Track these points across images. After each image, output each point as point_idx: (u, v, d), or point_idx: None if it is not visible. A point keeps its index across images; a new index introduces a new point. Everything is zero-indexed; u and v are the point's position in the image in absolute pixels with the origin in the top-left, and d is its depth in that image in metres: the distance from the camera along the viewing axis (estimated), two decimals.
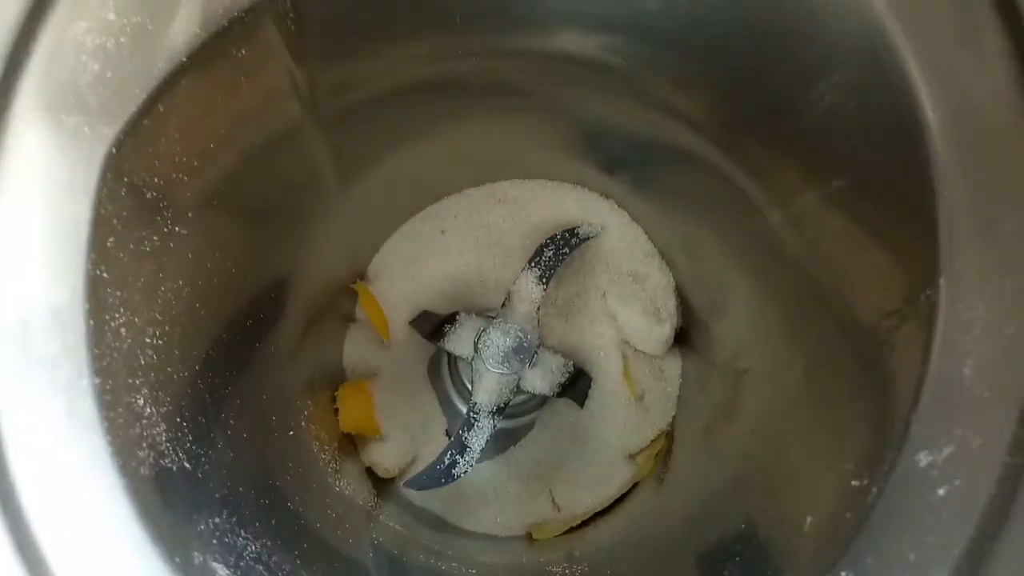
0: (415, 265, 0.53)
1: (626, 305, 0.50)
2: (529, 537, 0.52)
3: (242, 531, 0.28)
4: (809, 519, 0.26)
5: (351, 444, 0.53)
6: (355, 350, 0.55)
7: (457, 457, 0.47)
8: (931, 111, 0.25)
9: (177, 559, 0.23)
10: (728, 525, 0.39)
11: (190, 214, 0.31)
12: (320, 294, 0.51)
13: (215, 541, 0.26)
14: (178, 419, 0.28)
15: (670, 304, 0.50)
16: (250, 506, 0.30)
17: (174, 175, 0.29)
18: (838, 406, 0.29)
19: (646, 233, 0.52)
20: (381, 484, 0.53)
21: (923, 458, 0.23)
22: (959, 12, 0.23)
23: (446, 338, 0.49)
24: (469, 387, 0.53)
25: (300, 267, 0.47)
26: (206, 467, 0.29)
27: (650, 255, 0.51)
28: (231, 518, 0.28)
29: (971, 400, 0.22)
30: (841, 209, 0.31)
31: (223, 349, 0.34)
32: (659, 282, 0.51)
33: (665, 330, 0.50)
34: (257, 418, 0.36)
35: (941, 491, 0.22)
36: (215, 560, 0.25)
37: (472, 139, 0.50)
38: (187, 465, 0.27)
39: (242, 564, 0.26)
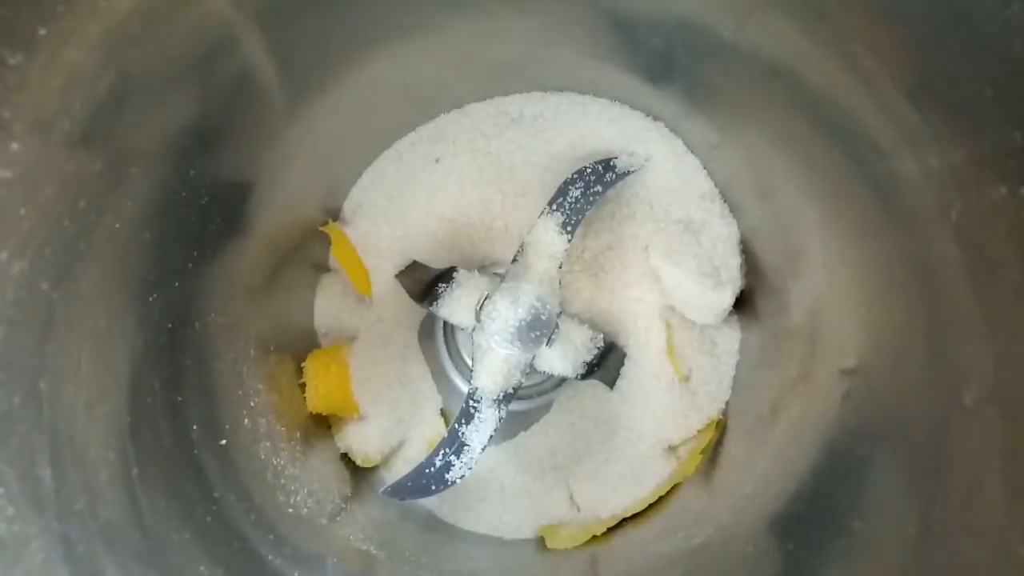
0: (402, 203, 0.43)
1: (675, 263, 0.39)
2: (541, 542, 0.42)
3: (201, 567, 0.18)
4: None
5: (324, 424, 0.43)
6: (328, 308, 0.44)
7: (452, 457, 0.37)
8: None
9: None
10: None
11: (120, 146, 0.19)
12: (283, 237, 0.40)
13: None
14: None
15: (732, 263, 0.39)
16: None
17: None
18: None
19: (704, 167, 0.40)
20: (360, 475, 0.43)
21: None
22: None
23: (439, 301, 0.38)
24: (469, 363, 0.42)
25: (253, 201, 0.36)
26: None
27: (708, 197, 0.40)
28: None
29: None
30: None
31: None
32: (720, 233, 0.39)
33: (725, 296, 0.38)
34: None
35: None
36: None
37: (476, 37, 0.39)
38: None
39: None
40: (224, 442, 0.30)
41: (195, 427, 0.28)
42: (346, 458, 0.43)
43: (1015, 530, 0.21)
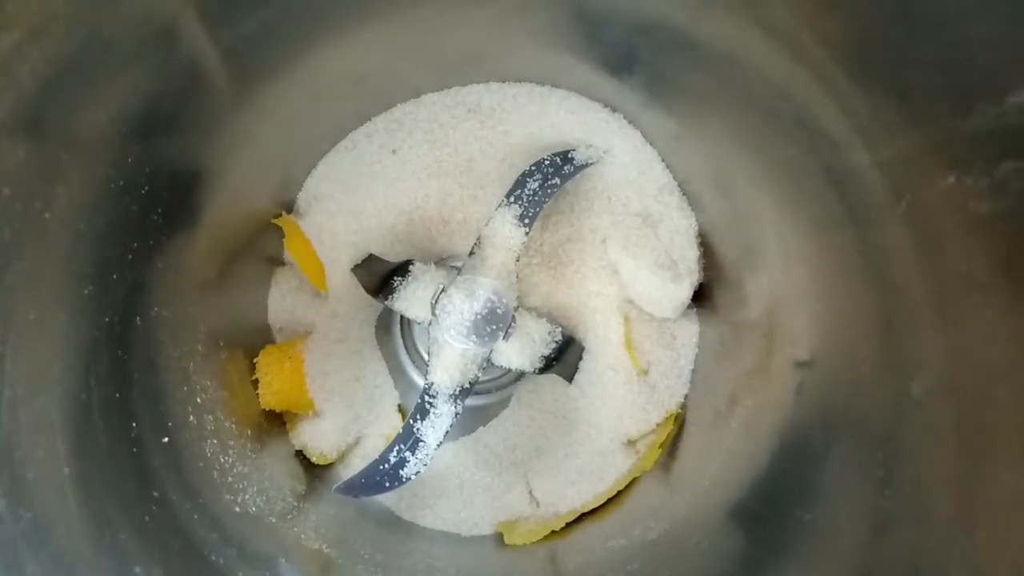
0: (358, 194, 0.42)
1: (633, 255, 0.38)
2: (500, 538, 0.42)
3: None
4: None
5: (278, 421, 0.42)
6: (282, 302, 0.43)
7: (407, 454, 0.36)
8: None
9: None
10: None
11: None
12: (234, 229, 0.39)
13: None
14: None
15: (691, 255, 0.39)
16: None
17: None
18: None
19: (662, 159, 0.40)
20: (315, 472, 0.42)
21: None
22: None
23: (395, 295, 0.38)
24: (426, 358, 0.42)
25: (201, 191, 0.35)
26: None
27: (667, 190, 0.39)
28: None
29: None
30: (1007, 149, 0.19)
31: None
32: (678, 226, 0.39)
33: (683, 289, 0.38)
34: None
35: None
36: None
37: (433, 25, 0.38)
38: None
39: None
40: (167, 440, 0.29)
41: (135, 424, 0.27)
42: (301, 456, 0.42)
43: (961, 521, 0.21)
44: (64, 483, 0.22)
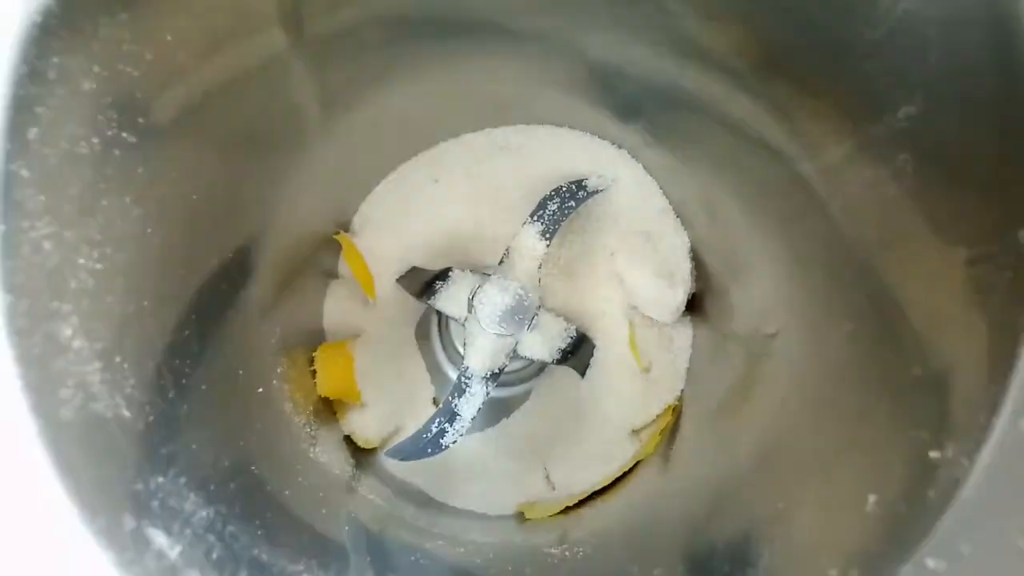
0: (405, 217, 0.49)
1: (636, 267, 0.46)
2: (520, 516, 0.47)
3: (192, 494, 0.23)
4: (872, 497, 0.22)
5: (329, 410, 0.49)
6: (336, 308, 0.50)
7: (446, 425, 0.42)
8: None
9: (102, 521, 0.18)
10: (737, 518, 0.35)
11: (141, 120, 0.26)
12: (299, 244, 0.46)
13: (155, 503, 0.21)
14: (118, 358, 0.23)
15: (684, 267, 0.46)
16: (204, 466, 0.25)
17: (123, 67, 0.24)
18: (899, 369, 0.25)
19: (661, 188, 0.47)
20: (361, 455, 0.48)
21: None
22: None
23: (437, 296, 0.45)
24: (461, 351, 0.49)
25: (278, 211, 0.42)
26: (151, 418, 0.24)
27: (664, 212, 0.47)
28: (179, 478, 0.23)
29: None
30: (903, 145, 0.27)
31: (181, 286, 0.29)
32: (673, 242, 0.46)
33: (678, 295, 0.45)
34: (222, 369, 0.32)
35: None
36: (153, 526, 0.20)
37: (472, 78, 0.46)
38: (126, 413, 0.23)
39: (187, 532, 0.22)
40: (261, 390, 0.36)
41: (240, 372, 0.34)
42: (349, 440, 0.49)
43: None
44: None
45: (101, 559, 0.18)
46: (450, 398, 0.42)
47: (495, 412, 0.49)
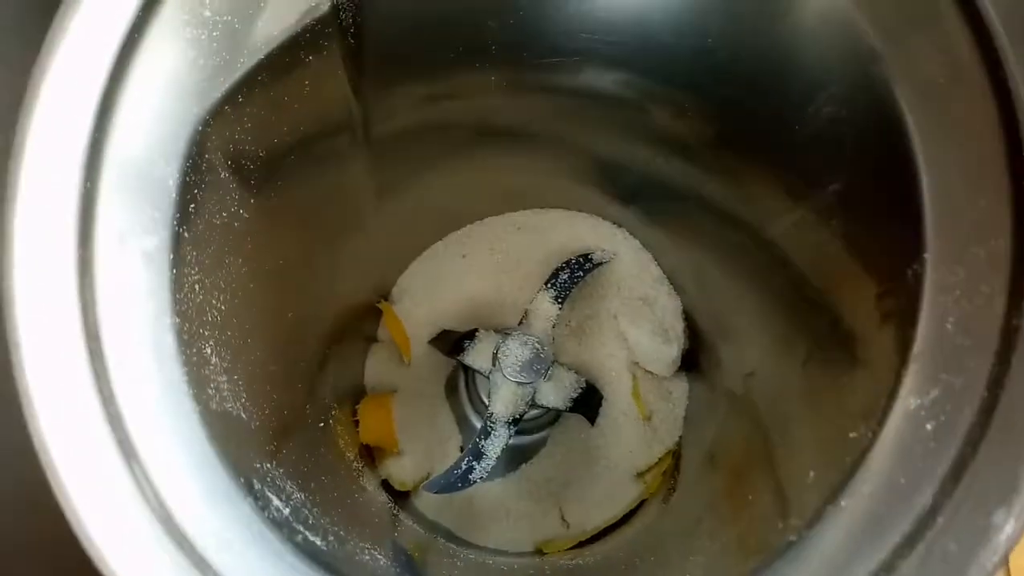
0: (437, 287, 0.57)
1: (636, 326, 0.53)
2: (538, 552, 0.53)
3: (288, 482, 0.30)
4: (812, 473, 0.28)
5: (369, 458, 0.55)
6: (376, 368, 0.57)
7: (474, 463, 0.49)
8: (909, 110, 0.29)
9: (242, 479, 0.25)
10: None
11: (252, 200, 0.34)
12: (348, 312, 0.54)
13: (269, 479, 0.28)
14: (235, 376, 0.31)
15: (678, 326, 0.53)
16: (289, 467, 0.32)
17: (243, 162, 0.33)
18: (837, 384, 0.32)
19: (655, 260, 0.55)
20: (397, 497, 0.54)
21: (913, 401, 0.25)
22: (931, 21, 0.27)
23: (465, 353, 0.52)
24: (486, 402, 0.55)
25: (333, 283, 0.50)
26: (256, 423, 0.31)
27: (659, 280, 0.55)
28: (278, 469, 0.30)
29: (953, 349, 0.25)
30: (834, 213, 0.35)
31: (272, 333, 0.37)
32: (667, 305, 0.54)
33: (673, 350, 0.53)
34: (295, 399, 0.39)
35: (929, 426, 0.24)
36: (271, 491, 0.27)
37: (496, 172, 0.55)
38: (243, 415, 0.30)
39: (292, 503, 0.28)
40: (322, 424, 0.43)
41: (307, 407, 0.41)
42: (386, 484, 0.55)
43: None
44: None
45: (242, 506, 0.25)
46: (478, 439, 0.49)
47: (516, 459, 0.55)
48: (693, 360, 0.55)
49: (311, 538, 0.28)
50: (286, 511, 0.27)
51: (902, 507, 0.23)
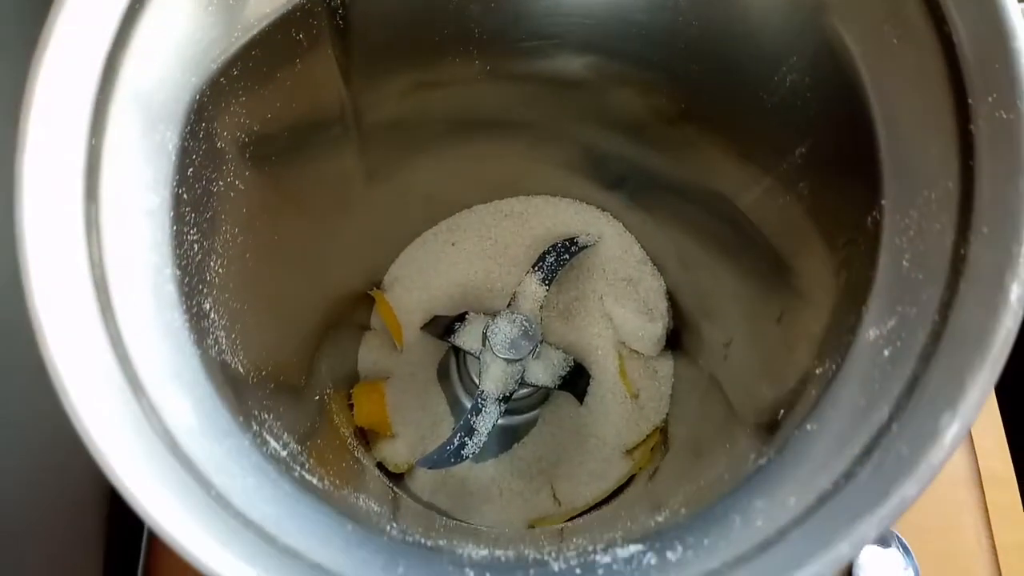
0: (428, 274, 0.58)
1: (621, 306, 0.55)
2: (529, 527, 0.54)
3: (286, 434, 0.32)
4: (782, 411, 0.30)
5: (364, 441, 0.56)
6: (370, 355, 0.58)
7: (466, 439, 0.50)
8: (866, 70, 0.31)
9: (240, 418, 0.27)
10: None
11: (247, 173, 0.36)
12: (341, 299, 0.55)
13: (267, 426, 0.30)
14: (232, 336, 0.32)
15: (661, 305, 0.55)
16: (287, 423, 0.34)
17: (238, 133, 0.35)
18: (808, 332, 0.34)
19: (639, 242, 0.57)
20: (391, 479, 0.55)
21: (872, 333, 0.27)
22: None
23: (456, 335, 0.53)
24: (477, 382, 0.57)
25: (326, 268, 0.52)
26: (253, 380, 0.33)
27: (642, 262, 0.56)
28: (276, 421, 0.31)
29: (908, 283, 0.27)
30: (801, 175, 0.37)
31: (270, 303, 0.39)
32: (651, 285, 0.56)
33: (657, 329, 0.54)
34: (291, 371, 0.40)
35: (886, 352, 0.26)
36: (268, 434, 0.29)
37: (483, 161, 0.56)
38: (240, 370, 0.31)
39: (289, 448, 0.30)
40: (318, 398, 0.44)
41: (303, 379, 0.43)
42: (380, 466, 0.56)
43: None
44: None
45: (242, 440, 0.26)
46: (469, 415, 0.50)
47: (507, 439, 0.57)
48: (677, 340, 0.57)
49: (308, 477, 0.29)
50: (283, 453, 0.29)
51: (862, 424, 0.24)
